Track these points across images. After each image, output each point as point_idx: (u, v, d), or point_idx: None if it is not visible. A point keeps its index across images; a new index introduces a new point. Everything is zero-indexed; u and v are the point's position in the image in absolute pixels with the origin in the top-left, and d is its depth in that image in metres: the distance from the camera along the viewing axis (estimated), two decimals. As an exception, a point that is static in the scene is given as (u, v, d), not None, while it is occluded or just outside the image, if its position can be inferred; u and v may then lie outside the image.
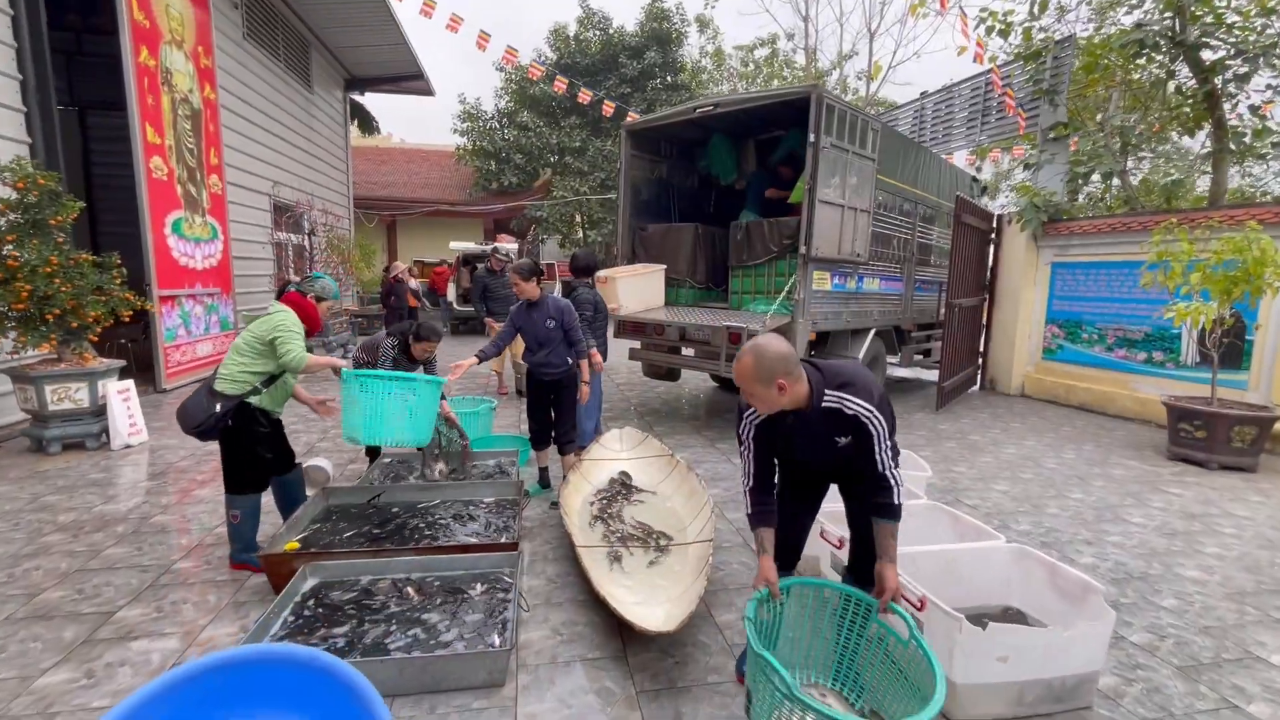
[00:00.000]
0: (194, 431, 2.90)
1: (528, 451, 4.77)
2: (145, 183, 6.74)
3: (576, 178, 18.68)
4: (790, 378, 1.86)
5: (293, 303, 3.14)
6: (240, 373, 2.93)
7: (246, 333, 2.98)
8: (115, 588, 2.89)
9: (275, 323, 2.95)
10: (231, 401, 2.91)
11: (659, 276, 6.48)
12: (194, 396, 2.93)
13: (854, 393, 1.91)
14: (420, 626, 2.47)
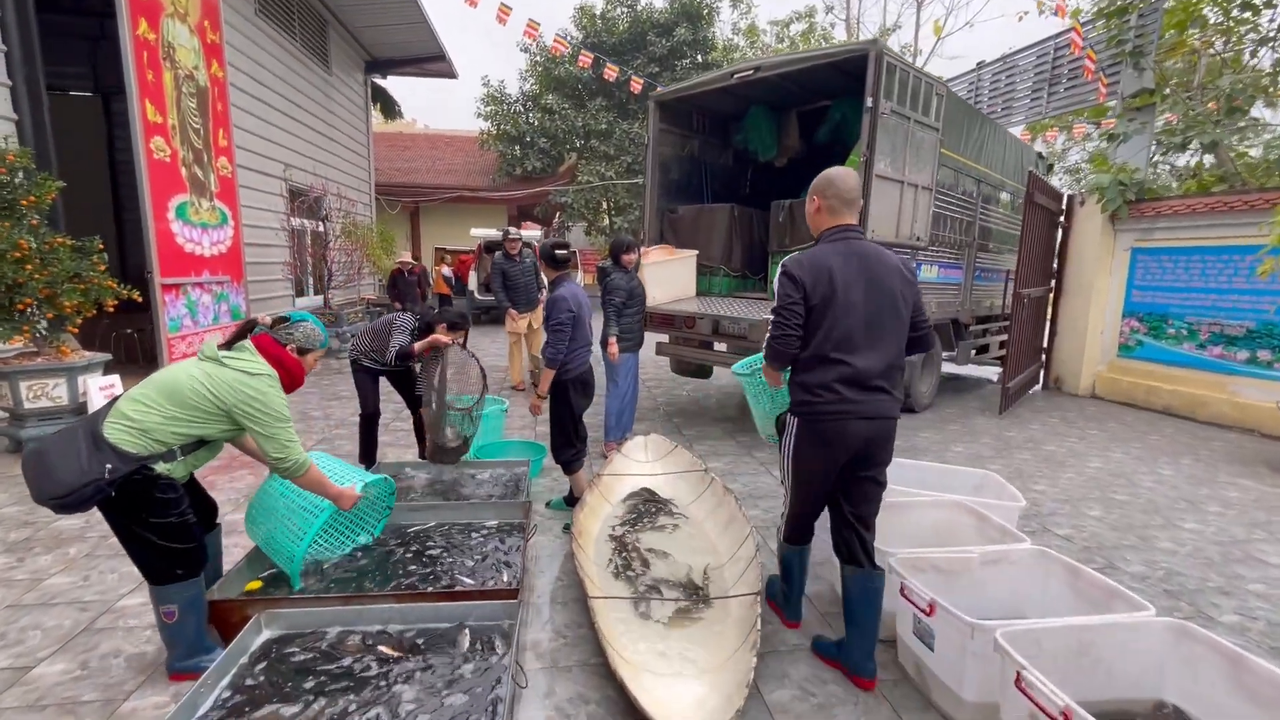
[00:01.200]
0: (56, 503, 1.89)
1: (540, 462, 4.23)
2: (145, 164, 6.34)
3: (602, 162, 18.05)
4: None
5: (267, 354, 2.16)
6: (165, 429, 2.00)
7: (199, 376, 2.03)
8: (43, 632, 2.42)
9: (251, 391, 2.05)
10: (129, 465, 1.94)
11: (690, 263, 5.86)
12: (64, 444, 1.95)
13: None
14: (386, 707, 1.94)
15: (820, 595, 2.82)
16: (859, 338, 2.07)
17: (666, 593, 2.63)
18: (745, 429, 5.60)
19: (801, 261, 2.12)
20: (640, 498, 3.54)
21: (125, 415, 1.99)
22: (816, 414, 2.11)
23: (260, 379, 2.09)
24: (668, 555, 2.95)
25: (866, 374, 2.07)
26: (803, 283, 2.08)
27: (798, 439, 2.19)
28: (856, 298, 2.06)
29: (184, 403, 2.02)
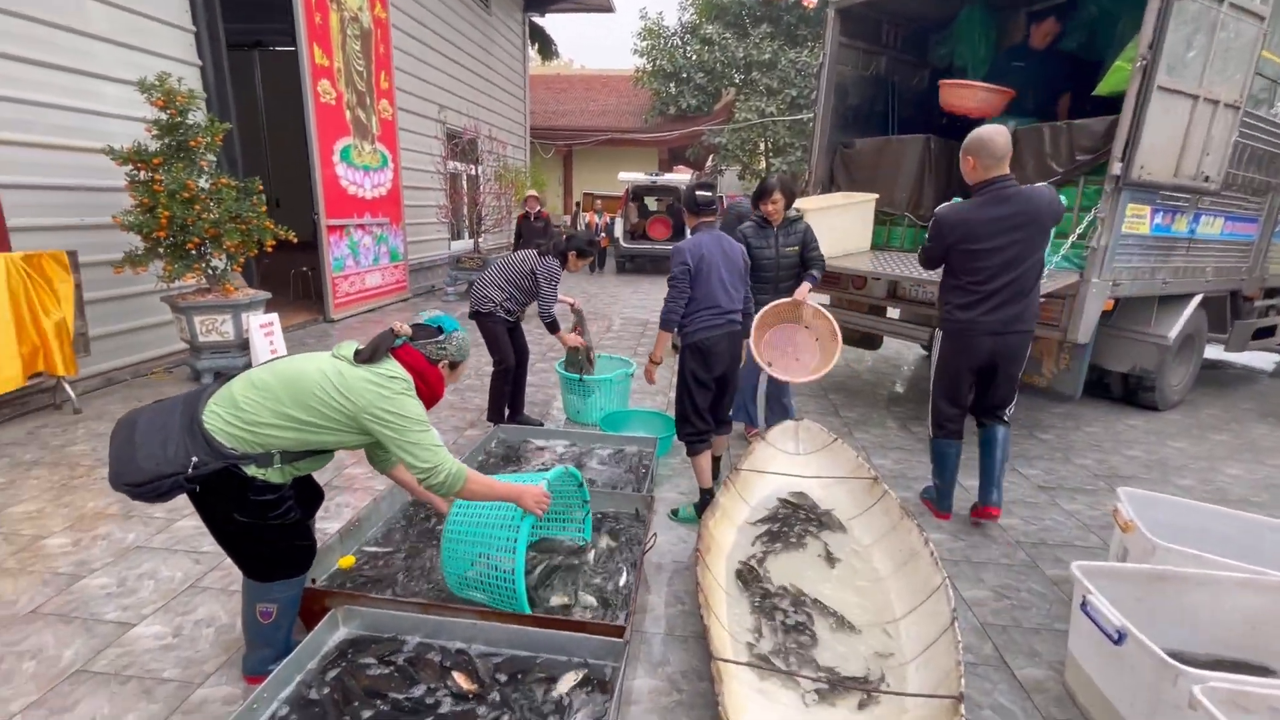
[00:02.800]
0: (131, 490, 1.62)
1: (669, 442, 3.67)
2: (313, 107, 6.56)
3: (763, 97, 16.53)
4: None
5: (411, 365, 1.85)
6: (272, 428, 1.70)
7: (329, 372, 1.74)
8: (156, 584, 2.37)
9: (386, 392, 1.73)
10: (217, 461, 1.64)
11: (865, 210, 4.82)
12: (156, 419, 1.70)
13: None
14: (448, 776, 1.53)
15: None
16: (1003, 277, 2.65)
17: (819, 657, 1.97)
18: (920, 414, 4.61)
19: (947, 212, 2.73)
20: (789, 506, 2.85)
21: (234, 402, 1.71)
22: (956, 329, 2.76)
23: (396, 382, 1.77)
24: (822, 608, 2.26)
25: (999, 300, 2.67)
26: (942, 233, 2.72)
27: (952, 348, 2.82)
28: (1005, 248, 2.61)
29: (305, 400, 1.71)
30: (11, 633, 2.09)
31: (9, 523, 2.75)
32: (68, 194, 4.32)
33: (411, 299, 8.90)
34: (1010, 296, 2.67)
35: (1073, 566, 1.91)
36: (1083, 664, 1.89)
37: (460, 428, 4.11)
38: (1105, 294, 3.63)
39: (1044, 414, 4.74)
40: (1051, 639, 2.23)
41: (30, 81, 4.07)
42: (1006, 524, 3.06)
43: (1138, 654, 1.63)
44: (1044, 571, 2.66)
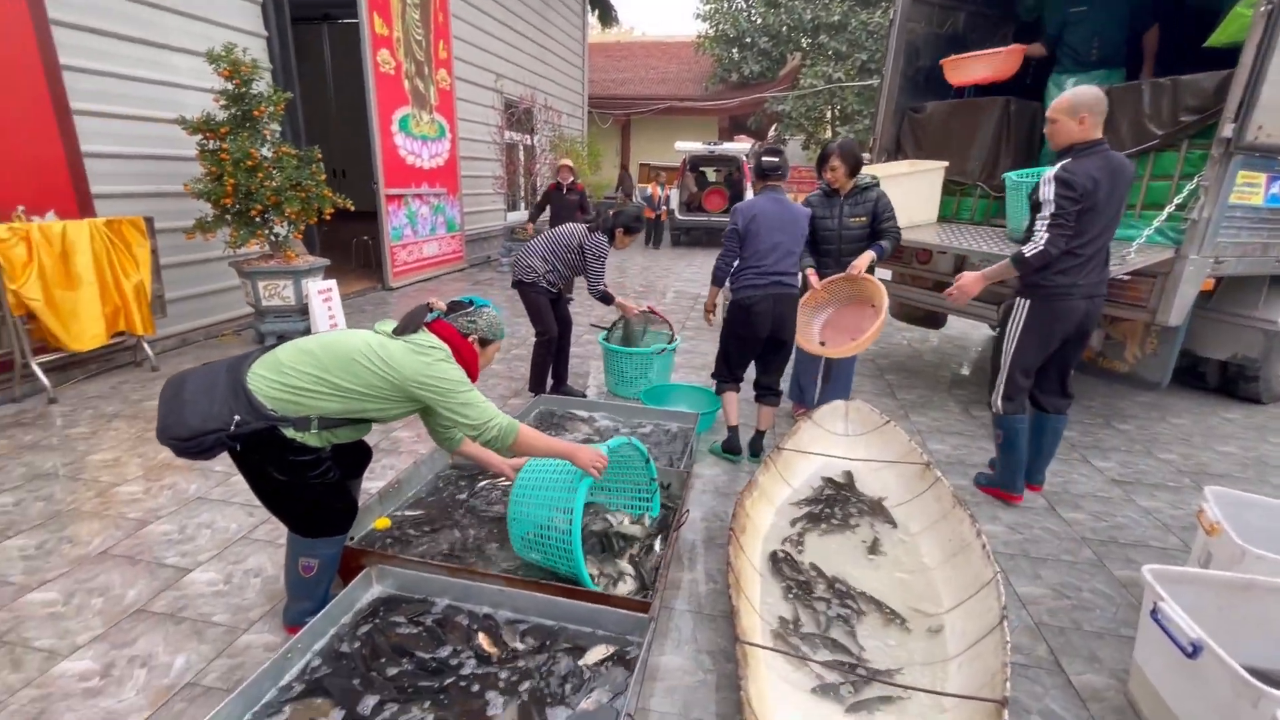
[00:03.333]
0: (176, 444, 1.67)
1: (711, 418, 3.59)
2: (373, 77, 6.66)
3: (831, 61, 15.76)
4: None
5: (447, 339, 1.88)
6: (314, 393, 1.72)
7: (374, 344, 1.77)
8: (212, 533, 2.51)
9: (427, 360, 1.76)
10: (259, 421, 1.67)
11: (933, 179, 4.51)
12: (203, 377, 1.74)
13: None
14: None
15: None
16: (1103, 238, 2.57)
17: (855, 645, 1.88)
18: (980, 398, 4.34)
19: (1076, 170, 2.45)
20: (833, 487, 2.74)
21: (279, 367, 1.74)
22: (1052, 295, 2.61)
23: (435, 350, 1.81)
24: (860, 596, 2.16)
25: (1096, 263, 2.60)
26: (1079, 193, 2.44)
27: (1048, 317, 2.64)
28: (1108, 207, 2.51)
29: (350, 369, 1.74)
30: (84, 570, 2.25)
31: (90, 469, 2.96)
32: (145, 162, 4.56)
33: (467, 269, 9.05)
34: (1103, 260, 2.63)
35: (1144, 569, 1.73)
36: (1149, 675, 1.72)
37: (505, 396, 4.15)
38: (1204, 273, 3.26)
39: (1125, 402, 4.37)
40: (1115, 645, 2.05)
41: (110, 55, 4.27)
42: (1071, 518, 2.84)
43: (1214, 670, 1.46)
44: (1112, 572, 2.46)
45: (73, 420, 3.50)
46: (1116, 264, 3.07)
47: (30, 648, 1.88)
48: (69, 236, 3.75)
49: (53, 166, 3.96)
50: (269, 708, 1.58)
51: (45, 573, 2.22)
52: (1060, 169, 2.47)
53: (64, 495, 2.73)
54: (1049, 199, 2.46)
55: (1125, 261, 3.09)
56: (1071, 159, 2.49)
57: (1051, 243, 2.46)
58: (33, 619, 2.00)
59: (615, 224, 3.76)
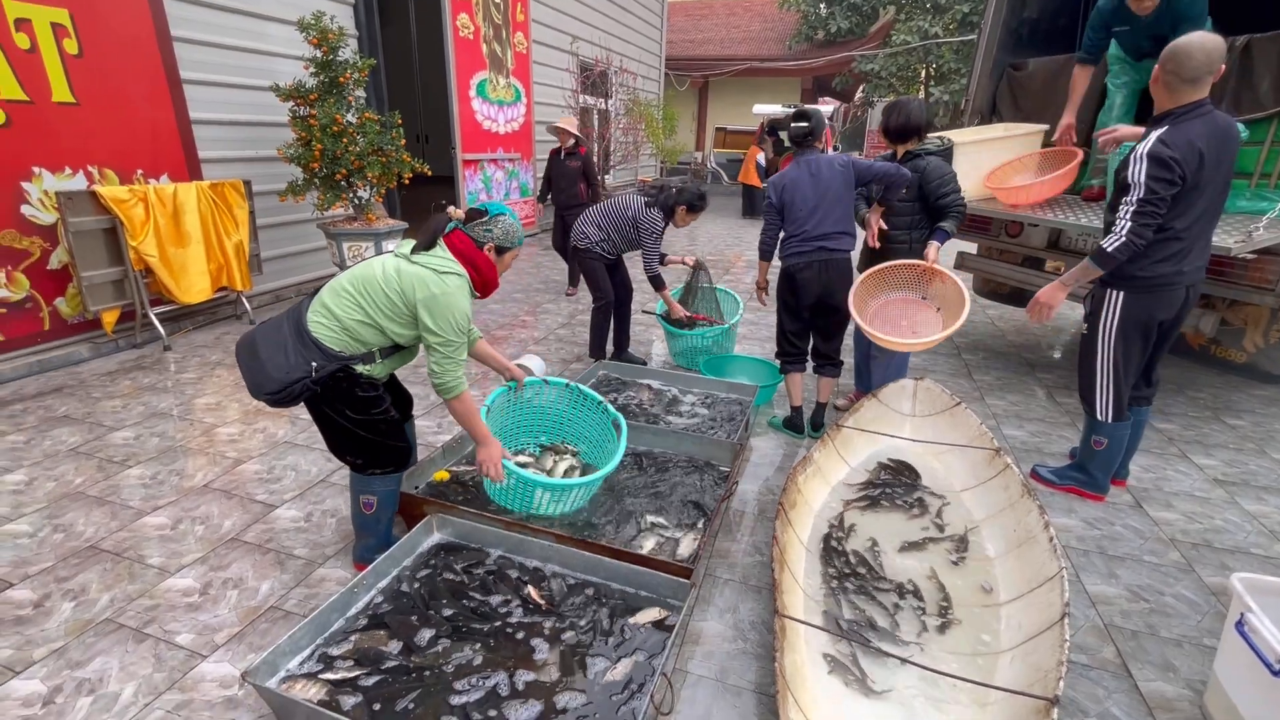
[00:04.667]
0: (271, 398, 1.85)
1: (771, 391, 3.53)
2: (452, 41, 6.78)
3: (928, 15, 14.62)
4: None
5: (462, 252, 1.92)
6: (362, 327, 1.87)
7: (390, 269, 1.87)
8: (296, 474, 2.74)
9: (436, 289, 1.82)
10: (333, 363, 1.84)
11: (1030, 145, 4.13)
12: (272, 337, 1.87)
13: None
14: (503, 677, 1.63)
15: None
16: (1208, 217, 2.26)
17: (900, 630, 1.84)
18: (1069, 383, 4.03)
19: (1176, 143, 2.11)
20: (889, 472, 2.65)
21: (327, 308, 1.88)
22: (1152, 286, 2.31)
23: (449, 277, 1.86)
24: (911, 579, 2.10)
25: (1201, 246, 2.31)
26: (1179, 172, 2.10)
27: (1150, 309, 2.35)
28: (1215, 179, 2.18)
29: (375, 298, 1.86)
30: (189, 500, 2.51)
31: (196, 412, 3.28)
32: (244, 129, 4.87)
33: (539, 233, 9.20)
34: (1207, 241, 2.35)
35: (1233, 577, 1.59)
36: (1228, 690, 1.59)
37: (567, 360, 4.24)
38: (1351, 252, 2.86)
39: (1239, 395, 3.94)
40: (1195, 655, 1.90)
41: (215, 26, 4.56)
42: (1160, 517, 2.62)
43: None
44: (1201, 577, 2.26)
45: (183, 366, 3.87)
46: (1241, 240, 2.75)
47: (145, 564, 2.14)
48: (180, 198, 4.09)
49: (166, 133, 4.31)
50: (337, 635, 1.74)
51: (158, 500, 2.50)
52: (1156, 141, 2.12)
53: (175, 433, 3.05)
54: (1139, 180, 2.13)
55: (1251, 238, 2.75)
56: (1170, 127, 2.13)
57: (1136, 233, 2.15)
58: (148, 539, 2.27)
59: (677, 201, 3.63)
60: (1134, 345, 2.41)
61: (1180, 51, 2.10)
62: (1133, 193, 2.15)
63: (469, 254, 1.94)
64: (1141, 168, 2.13)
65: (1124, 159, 2.24)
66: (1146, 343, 2.44)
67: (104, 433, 3.02)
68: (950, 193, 2.88)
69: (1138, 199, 2.14)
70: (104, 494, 2.53)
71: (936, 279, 2.89)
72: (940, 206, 2.91)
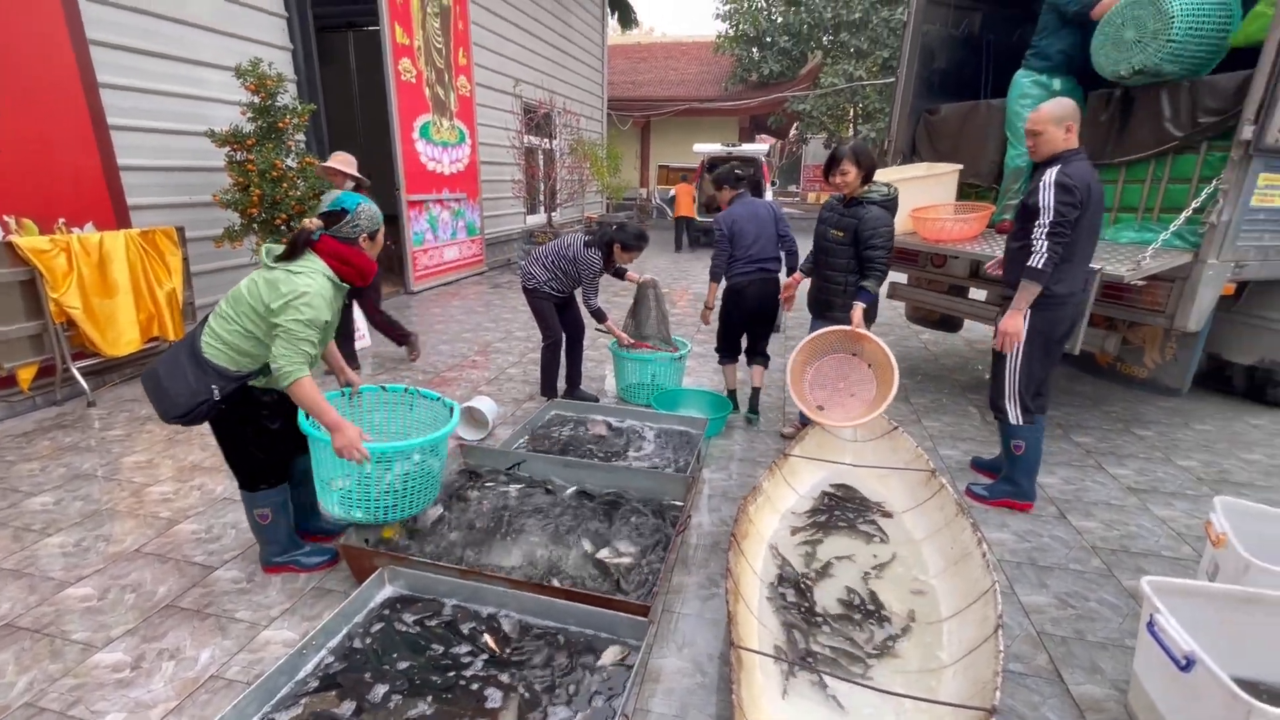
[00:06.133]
0: (178, 420, 2.03)
1: (722, 420, 3.64)
2: (394, 85, 6.82)
3: (852, 60, 15.62)
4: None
5: (331, 254, 2.04)
6: (245, 344, 2.00)
7: (256, 280, 2.00)
8: (237, 532, 2.62)
9: (285, 292, 1.91)
10: (231, 383, 2.01)
11: (947, 183, 4.47)
12: (172, 365, 2.02)
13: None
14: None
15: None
16: (1092, 243, 2.65)
17: (852, 654, 1.91)
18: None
19: (1075, 174, 2.47)
20: (836, 497, 2.76)
21: (214, 331, 2.03)
22: (1052, 303, 2.62)
23: (300, 277, 1.96)
24: (860, 604, 2.18)
25: (1085, 272, 2.72)
26: (1080, 198, 2.46)
27: (1052, 324, 2.68)
28: (1096, 210, 2.56)
29: (245, 313, 2.00)
30: (118, 567, 2.38)
31: (124, 471, 3.12)
32: (177, 174, 4.75)
33: (488, 272, 9.20)
34: (1089, 265, 2.72)
35: (1143, 581, 1.73)
36: (1147, 688, 1.72)
37: (519, 399, 4.24)
38: (1225, 277, 3.20)
39: (1146, 408, 4.29)
40: (1119, 656, 2.04)
41: (145, 71, 4.47)
42: (1082, 526, 2.82)
43: (1206, 683, 1.46)
44: (1120, 581, 2.44)
45: (109, 423, 3.67)
46: (1133, 268, 3.04)
47: (69, 640, 2.01)
48: (106, 247, 3.93)
49: (91, 179, 4.15)
50: (286, 700, 1.67)
51: (83, 569, 2.36)
52: (1060, 174, 2.46)
53: (100, 495, 2.88)
54: (1048, 205, 2.45)
55: (1141, 266, 3.05)
56: (1065, 164, 2.49)
57: (1052, 249, 2.47)
58: (71, 612, 2.13)
59: (614, 238, 3.72)
60: (1039, 356, 2.71)
61: (1061, 108, 2.54)
62: (1044, 216, 2.47)
63: (340, 253, 2.05)
64: (1050, 194, 2.45)
65: (1030, 188, 2.55)
66: (1048, 354, 2.74)
67: (19, 499, 2.83)
68: (876, 249, 3.00)
69: (1050, 222, 2.46)
70: (20, 566, 2.37)
71: (862, 339, 3.04)
72: (864, 259, 3.04)
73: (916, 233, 4.23)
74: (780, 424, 3.88)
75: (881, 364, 3.00)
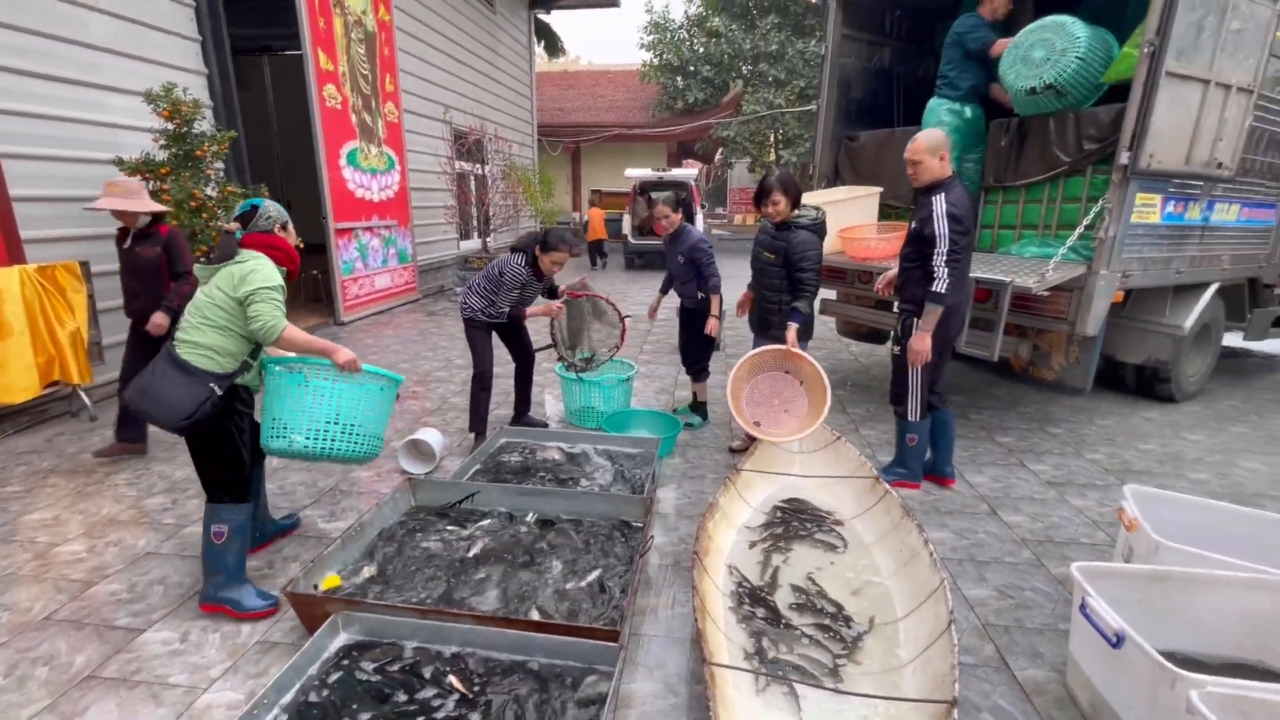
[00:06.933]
0: (182, 427, 2.13)
1: (673, 439, 3.69)
2: (319, 112, 6.62)
3: (771, 89, 16.41)
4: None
5: (260, 245, 2.27)
6: (224, 340, 2.19)
7: (208, 292, 2.19)
8: (165, 589, 2.42)
9: (245, 272, 2.15)
10: (223, 381, 2.18)
11: (869, 204, 4.77)
12: (160, 377, 2.13)
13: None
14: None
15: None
16: (971, 259, 3.07)
17: (819, 660, 1.97)
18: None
19: (961, 203, 2.80)
20: (789, 506, 2.85)
21: (191, 342, 2.17)
22: (950, 313, 2.93)
23: (249, 260, 2.20)
24: (821, 610, 2.25)
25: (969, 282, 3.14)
26: (968, 224, 2.82)
27: (946, 331, 2.99)
28: (973, 230, 3.08)
29: (213, 311, 2.16)
30: (26, 639, 2.14)
31: (25, 530, 2.82)
32: (80, 205, 4.40)
33: (421, 299, 8.97)
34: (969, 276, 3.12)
35: (1072, 568, 1.88)
36: (1083, 666, 1.87)
37: (465, 430, 4.12)
38: (1114, 286, 3.56)
39: (1055, 407, 4.67)
40: (1055, 639, 2.20)
41: (41, 96, 4.14)
42: (1012, 521, 3.03)
43: (1136, 657, 1.60)
44: (1049, 570, 2.63)
45: (4, 478, 3.32)
46: (1038, 280, 3.33)
47: (-30, 726, 1.79)
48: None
49: (-23, 212, 3.80)
50: (237, 768, 1.56)
51: (-18, 644, 2.11)
52: (949, 205, 2.77)
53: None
54: (943, 234, 2.77)
55: (1045, 278, 3.35)
56: (949, 193, 2.80)
57: (951, 273, 2.79)
58: (-29, 695, 1.90)
59: (535, 242, 3.57)
60: (939, 355, 3.04)
61: (933, 139, 2.84)
62: (941, 245, 2.78)
63: (265, 242, 2.28)
64: (945, 224, 2.77)
65: (921, 216, 2.86)
66: (942, 355, 3.05)
67: (-102, 571, 2.51)
68: (804, 270, 3.19)
69: (947, 250, 2.78)
70: (-95, 647, 2.09)
71: (796, 358, 3.22)
72: (793, 281, 3.24)
73: (844, 251, 4.48)
74: (728, 439, 3.97)
75: (814, 382, 3.18)
